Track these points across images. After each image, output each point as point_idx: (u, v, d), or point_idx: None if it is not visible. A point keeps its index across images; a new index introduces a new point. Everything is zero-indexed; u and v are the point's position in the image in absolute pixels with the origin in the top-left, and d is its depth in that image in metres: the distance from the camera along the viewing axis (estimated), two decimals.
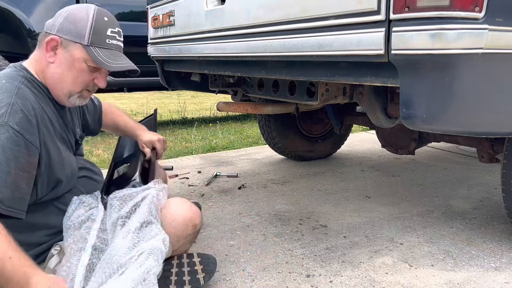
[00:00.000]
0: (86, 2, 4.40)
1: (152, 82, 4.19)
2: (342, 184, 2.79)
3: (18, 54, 4.20)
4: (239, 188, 2.70)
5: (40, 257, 1.28)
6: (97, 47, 1.28)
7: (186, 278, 1.44)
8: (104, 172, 1.69)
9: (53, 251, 1.27)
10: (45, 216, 1.29)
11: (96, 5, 1.34)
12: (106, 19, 1.32)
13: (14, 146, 1.10)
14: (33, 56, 1.32)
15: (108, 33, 1.31)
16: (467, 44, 1.10)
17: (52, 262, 1.26)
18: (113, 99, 8.50)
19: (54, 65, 1.27)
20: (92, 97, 1.59)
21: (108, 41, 1.31)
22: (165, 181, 1.82)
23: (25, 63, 1.31)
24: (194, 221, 1.43)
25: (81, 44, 1.27)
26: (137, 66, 1.38)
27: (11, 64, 1.31)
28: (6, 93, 1.16)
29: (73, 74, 1.28)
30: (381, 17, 1.16)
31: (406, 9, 1.11)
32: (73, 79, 1.29)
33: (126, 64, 1.33)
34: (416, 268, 1.68)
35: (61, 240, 1.31)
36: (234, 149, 3.97)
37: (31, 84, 1.26)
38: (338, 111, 2.93)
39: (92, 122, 1.64)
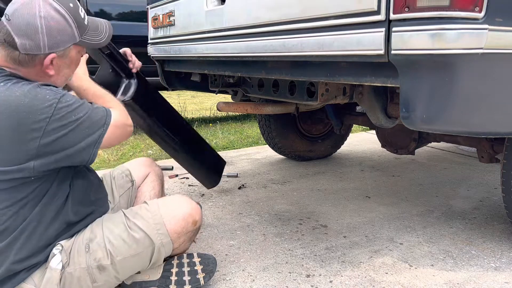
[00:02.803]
0: (87, 3, 4.41)
1: (152, 82, 4.19)
2: (342, 184, 2.79)
3: None
4: (239, 188, 2.70)
5: (46, 258, 1.28)
6: (85, 35, 1.28)
7: (186, 278, 1.44)
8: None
9: (55, 250, 1.27)
10: (60, 215, 1.29)
11: None
12: (71, 5, 1.24)
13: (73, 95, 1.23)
14: (1, 63, 1.20)
15: (82, 15, 1.28)
16: (467, 44, 1.10)
17: (54, 261, 1.25)
18: None
19: (55, 75, 1.26)
20: None
21: (86, 22, 1.29)
22: (162, 180, 1.82)
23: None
24: (194, 217, 1.43)
25: (74, 44, 1.25)
26: None
27: None
28: (21, 84, 1.15)
29: (72, 69, 1.32)
30: (381, 17, 1.16)
31: (406, 9, 1.11)
32: (71, 71, 1.33)
33: (107, 32, 1.37)
34: (416, 268, 1.68)
35: (64, 239, 1.31)
36: (234, 149, 3.97)
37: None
38: (338, 111, 2.94)
39: None
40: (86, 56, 1.51)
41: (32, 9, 1.14)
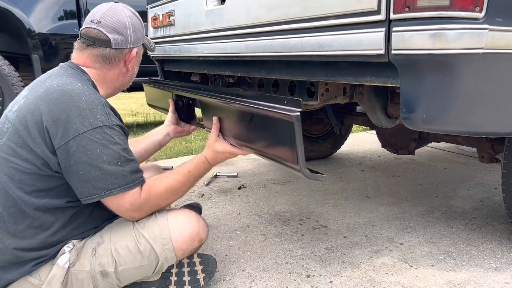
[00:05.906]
0: (86, 3, 4.40)
1: None
2: (342, 184, 2.79)
3: (18, 54, 4.20)
4: (239, 188, 2.70)
5: (56, 253, 1.29)
6: (145, 39, 1.50)
7: (186, 278, 1.44)
8: None
9: (66, 248, 1.27)
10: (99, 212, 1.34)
11: (115, 1, 1.46)
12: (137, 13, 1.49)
13: (123, 139, 1.29)
14: (88, 64, 1.38)
15: None
16: (467, 44, 1.10)
17: (62, 259, 1.25)
18: (113, 99, 8.50)
19: (130, 71, 1.46)
20: None
21: None
22: None
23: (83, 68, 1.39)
24: (201, 235, 1.43)
25: (143, 43, 1.48)
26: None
27: (65, 65, 1.37)
28: (92, 95, 1.26)
29: (137, 67, 1.50)
30: (381, 17, 1.15)
31: (406, 9, 1.11)
32: (137, 70, 1.50)
33: (151, 42, 1.57)
34: (416, 268, 1.68)
35: (77, 238, 1.31)
36: None
37: (94, 87, 1.38)
38: (338, 111, 2.93)
39: None
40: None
41: (119, 11, 1.39)
